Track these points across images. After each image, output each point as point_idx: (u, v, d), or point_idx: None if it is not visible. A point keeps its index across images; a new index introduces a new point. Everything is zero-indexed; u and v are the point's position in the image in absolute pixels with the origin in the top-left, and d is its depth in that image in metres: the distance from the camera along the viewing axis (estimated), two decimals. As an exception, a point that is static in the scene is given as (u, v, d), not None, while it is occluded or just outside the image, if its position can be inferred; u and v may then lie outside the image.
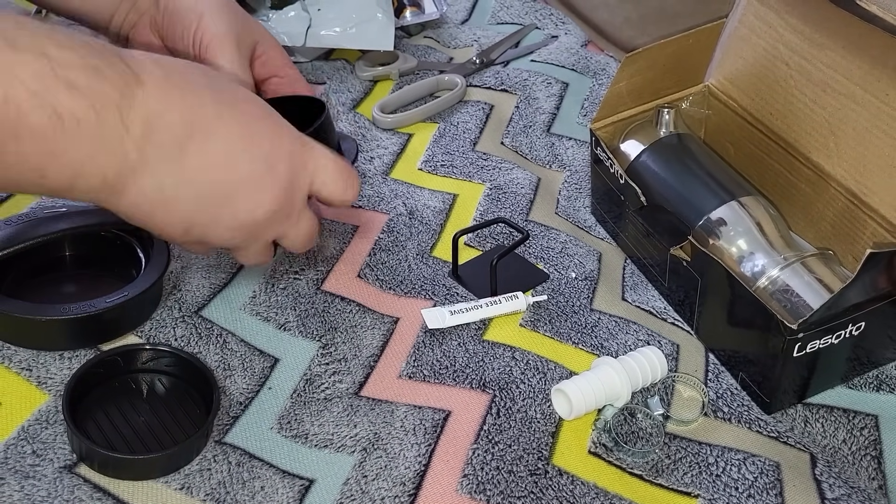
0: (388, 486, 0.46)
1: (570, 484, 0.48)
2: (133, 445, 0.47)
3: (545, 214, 0.67)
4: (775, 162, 0.61)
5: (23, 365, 0.52)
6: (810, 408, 0.53)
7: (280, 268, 0.60)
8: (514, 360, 0.54)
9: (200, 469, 0.47)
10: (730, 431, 0.51)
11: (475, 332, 0.56)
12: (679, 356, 0.56)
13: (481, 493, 0.46)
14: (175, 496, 0.46)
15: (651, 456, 0.50)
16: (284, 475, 0.47)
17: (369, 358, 0.54)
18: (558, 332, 0.56)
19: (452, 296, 0.59)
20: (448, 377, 0.53)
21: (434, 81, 0.79)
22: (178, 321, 0.56)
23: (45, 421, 0.49)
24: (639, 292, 0.61)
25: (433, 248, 0.63)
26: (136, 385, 0.51)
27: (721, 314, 0.55)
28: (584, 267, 0.62)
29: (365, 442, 0.49)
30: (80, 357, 0.53)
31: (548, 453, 0.49)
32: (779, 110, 0.61)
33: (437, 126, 0.75)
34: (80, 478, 0.46)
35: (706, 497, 0.48)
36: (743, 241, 0.55)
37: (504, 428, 0.50)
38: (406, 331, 0.56)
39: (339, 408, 0.51)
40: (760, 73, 0.61)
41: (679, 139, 0.62)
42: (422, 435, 0.49)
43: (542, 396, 0.52)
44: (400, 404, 0.51)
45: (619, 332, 0.57)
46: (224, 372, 0.53)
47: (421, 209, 0.66)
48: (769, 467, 0.49)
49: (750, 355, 0.53)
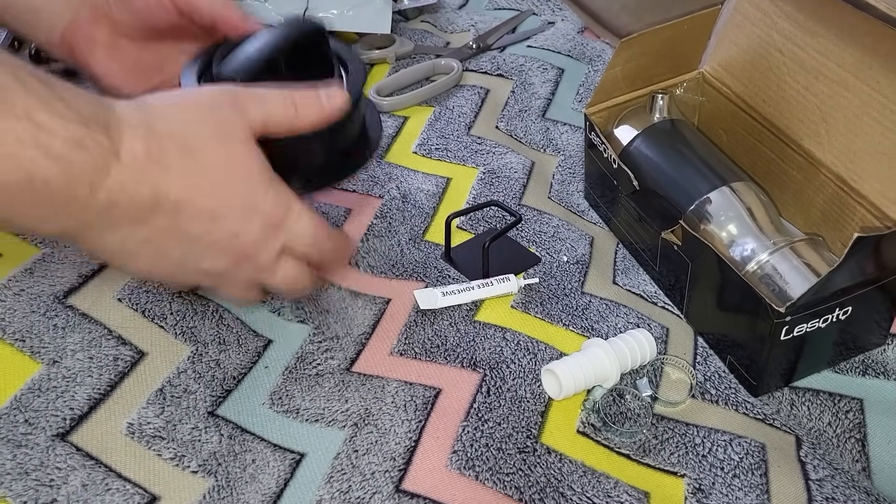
0: (378, 461, 0.47)
1: (558, 462, 0.48)
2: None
3: (538, 198, 0.67)
4: (767, 149, 0.62)
5: (16, 336, 0.52)
6: (797, 391, 0.54)
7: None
8: (504, 341, 0.54)
9: (192, 440, 0.48)
10: (717, 413, 0.52)
11: (467, 312, 0.57)
12: (668, 339, 0.56)
13: (470, 469, 0.47)
14: (166, 467, 0.46)
15: (639, 436, 0.50)
16: (276, 449, 0.48)
17: (361, 336, 0.55)
18: (549, 314, 0.57)
19: (444, 278, 0.60)
20: (439, 356, 0.53)
21: (430, 65, 0.80)
22: (174, 296, 0.56)
23: (38, 389, 0.49)
24: (630, 276, 0.61)
25: (426, 232, 0.64)
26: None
27: (710, 298, 0.55)
28: (575, 250, 0.62)
29: (356, 417, 0.49)
30: (73, 327, 0.53)
31: (536, 432, 0.50)
32: (771, 97, 0.61)
33: (432, 109, 0.76)
34: (73, 446, 0.46)
35: (692, 476, 0.48)
36: (733, 225, 0.56)
37: (494, 406, 0.50)
38: (398, 311, 0.57)
39: (330, 383, 0.51)
40: (754, 60, 0.62)
41: (672, 125, 0.63)
42: (412, 411, 0.50)
43: (532, 376, 0.52)
44: (391, 380, 0.52)
45: (609, 315, 0.57)
46: (219, 346, 0.53)
47: (414, 192, 0.67)
48: (755, 448, 0.50)
49: (738, 339, 0.53)
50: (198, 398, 0.50)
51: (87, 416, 0.49)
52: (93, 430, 0.48)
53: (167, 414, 0.49)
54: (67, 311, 0.55)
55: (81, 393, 0.50)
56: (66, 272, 0.58)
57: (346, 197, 0.66)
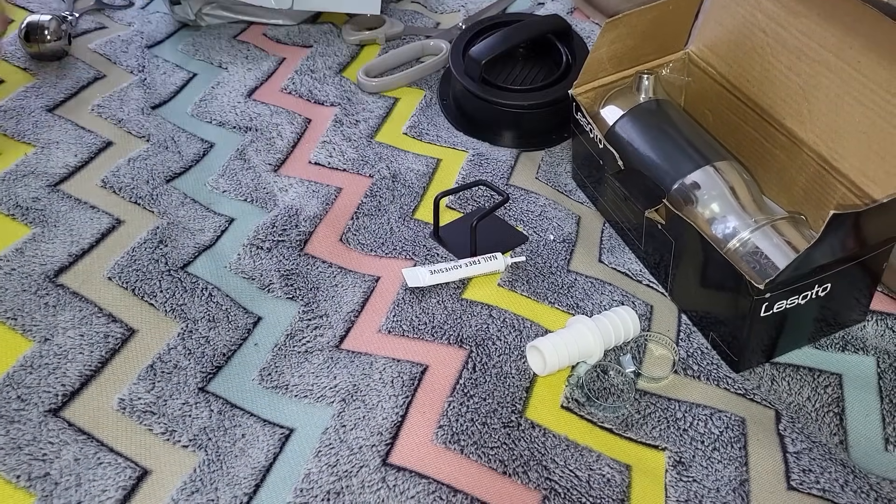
0: (365, 436, 0.48)
1: (542, 436, 0.49)
2: None
3: (526, 179, 0.68)
4: (751, 128, 0.62)
5: (8, 315, 0.53)
6: (777, 367, 0.55)
7: (262, 231, 0.61)
8: (491, 318, 0.55)
9: (183, 415, 0.48)
10: (698, 388, 0.53)
11: (454, 290, 0.57)
12: (652, 316, 0.57)
13: (455, 443, 0.48)
14: (157, 441, 0.47)
15: (621, 411, 0.51)
16: (265, 424, 0.49)
17: (350, 313, 0.56)
18: (535, 291, 0.58)
19: (433, 256, 0.60)
20: (426, 333, 0.54)
21: (419, 46, 0.80)
22: (163, 274, 0.57)
23: (30, 367, 0.50)
24: (615, 255, 0.62)
25: (415, 211, 0.64)
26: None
27: (694, 276, 0.56)
28: (562, 229, 0.63)
29: (344, 393, 0.50)
30: (64, 305, 0.54)
31: (521, 407, 0.50)
32: (755, 77, 0.61)
33: (423, 93, 0.76)
34: (65, 421, 0.47)
35: (673, 450, 0.49)
36: (716, 204, 0.56)
37: (479, 382, 0.51)
38: (386, 289, 0.58)
39: (319, 360, 0.52)
40: (738, 40, 0.62)
41: (658, 105, 0.63)
42: (399, 387, 0.50)
43: (517, 353, 0.53)
44: (379, 357, 0.52)
45: (594, 293, 0.58)
46: (209, 323, 0.54)
47: (404, 172, 0.67)
48: (735, 422, 0.51)
49: (720, 316, 0.54)
50: (188, 374, 0.51)
51: (78, 392, 0.49)
52: (84, 405, 0.49)
53: (157, 389, 0.50)
54: (58, 289, 0.55)
55: (73, 369, 0.50)
56: (57, 252, 0.58)
57: (337, 176, 0.67)
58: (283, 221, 0.62)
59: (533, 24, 0.75)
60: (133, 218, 0.62)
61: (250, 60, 0.80)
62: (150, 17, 0.86)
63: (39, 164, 0.65)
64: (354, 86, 0.76)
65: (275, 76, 0.78)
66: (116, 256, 0.58)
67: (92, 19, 0.85)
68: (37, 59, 0.77)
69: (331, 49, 0.81)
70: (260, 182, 0.66)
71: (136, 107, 0.73)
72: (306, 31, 0.83)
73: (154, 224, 0.61)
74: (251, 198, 0.65)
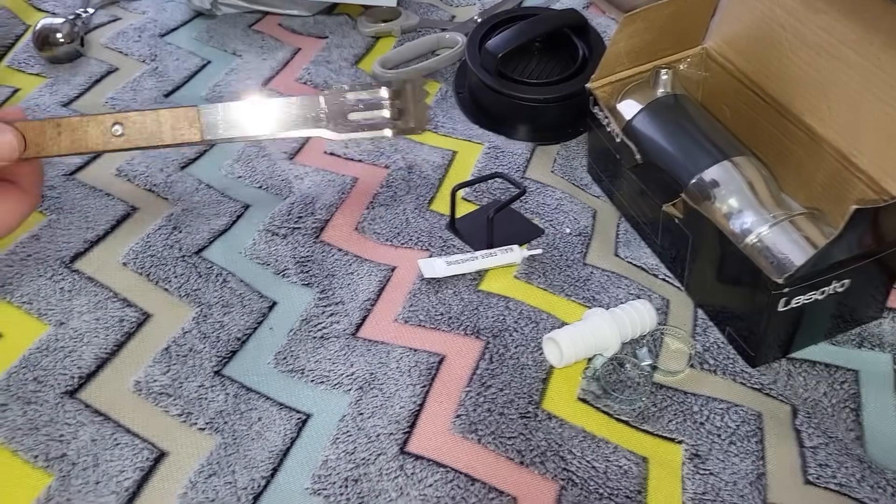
0: (383, 424, 0.48)
1: (559, 427, 0.49)
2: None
3: (541, 172, 0.68)
4: (769, 124, 0.62)
5: (24, 299, 0.53)
6: (794, 362, 0.55)
7: (278, 217, 0.61)
8: (507, 310, 0.55)
9: (199, 397, 0.48)
10: (715, 383, 0.53)
11: (470, 282, 0.57)
12: (669, 310, 0.57)
13: (473, 432, 0.48)
14: (174, 423, 0.47)
15: (638, 404, 0.51)
16: (282, 407, 0.48)
17: (366, 302, 0.55)
18: (551, 284, 0.58)
19: (449, 248, 0.60)
20: (443, 323, 0.54)
21: (435, 39, 0.80)
22: (178, 260, 0.57)
23: (46, 349, 0.50)
24: (632, 249, 0.62)
25: (431, 202, 0.64)
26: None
27: (710, 270, 0.56)
28: (578, 223, 0.63)
29: (361, 381, 0.50)
30: (79, 290, 0.54)
31: (538, 398, 0.50)
32: (774, 73, 0.61)
33: (439, 86, 0.76)
34: (82, 403, 0.47)
35: (689, 443, 0.49)
36: (734, 199, 0.56)
37: (496, 373, 0.51)
38: (402, 278, 0.57)
39: (335, 347, 0.52)
40: (757, 35, 0.62)
41: (675, 100, 0.63)
42: (416, 376, 0.50)
43: (533, 345, 0.53)
44: (396, 346, 0.52)
45: (610, 286, 0.58)
46: (223, 308, 0.54)
47: (420, 164, 0.67)
48: (751, 416, 0.51)
49: (737, 310, 0.54)
50: (203, 357, 0.51)
51: (94, 375, 0.49)
52: (100, 387, 0.49)
53: (173, 372, 0.50)
54: (73, 275, 0.55)
55: (88, 352, 0.50)
56: (72, 238, 0.58)
57: (352, 166, 0.67)
58: (299, 209, 0.62)
59: (550, 17, 0.75)
60: (148, 205, 0.62)
61: (265, 50, 0.80)
62: (166, 5, 0.86)
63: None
64: (370, 77, 0.76)
65: (290, 66, 0.78)
66: (131, 243, 0.58)
67: (106, 13, 0.85)
68: (51, 62, 0.77)
69: (346, 40, 0.81)
70: (275, 169, 0.66)
71: (150, 96, 0.73)
72: (321, 22, 0.83)
73: (169, 211, 0.61)
74: (266, 185, 0.65)
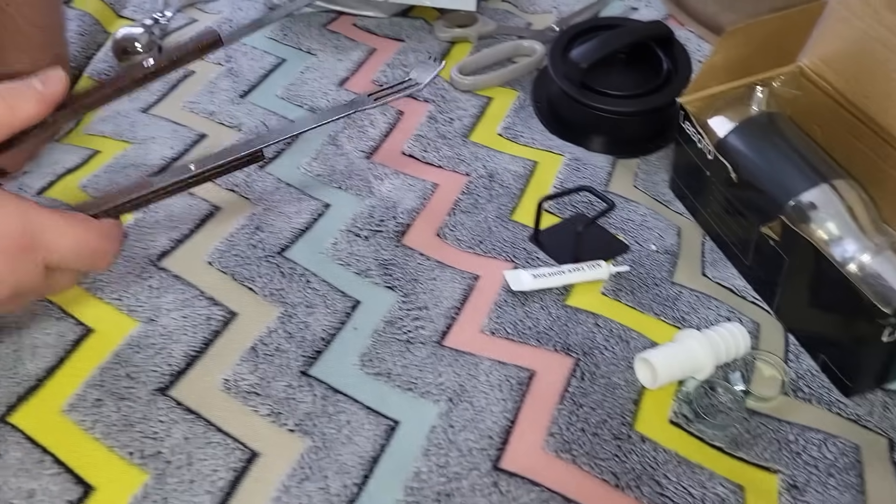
0: (475, 438, 0.47)
1: (653, 451, 0.48)
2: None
3: (624, 187, 0.67)
4: (865, 146, 0.61)
5: (114, 295, 0.53)
6: (890, 394, 0.53)
7: (361, 219, 0.61)
8: (597, 327, 0.54)
9: (287, 398, 0.48)
10: (810, 411, 0.51)
11: (557, 296, 0.56)
12: (759, 335, 0.56)
13: (567, 452, 0.46)
14: (264, 423, 0.46)
15: (730, 429, 0.50)
16: (370, 412, 0.48)
17: (450, 309, 0.55)
18: (640, 302, 0.56)
19: (533, 260, 0.59)
20: (531, 337, 0.53)
21: (513, 46, 0.79)
22: (261, 260, 0.56)
23: (137, 346, 0.49)
24: (718, 269, 0.61)
25: (513, 212, 0.63)
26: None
27: (806, 295, 0.54)
28: (664, 240, 0.62)
29: (450, 392, 0.49)
30: (167, 288, 0.54)
31: (630, 420, 0.49)
32: (873, 93, 0.60)
33: (517, 94, 0.75)
34: (173, 400, 0.47)
35: (786, 473, 0.48)
36: (833, 224, 0.55)
37: (588, 392, 0.50)
38: (486, 288, 0.56)
39: (422, 353, 0.51)
40: (857, 54, 0.61)
41: (770, 118, 0.62)
42: (507, 391, 0.49)
43: (625, 364, 0.52)
44: (484, 358, 0.51)
45: (699, 307, 0.57)
46: (307, 308, 0.53)
47: (501, 172, 0.66)
48: (849, 449, 0.49)
49: (833, 338, 0.53)
50: (290, 357, 0.50)
51: (184, 372, 0.49)
52: (191, 385, 0.48)
53: (261, 371, 0.49)
54: (161, 272, 0.55)
55: (178, 350, 0.50)
56: (158, 236, 0.58)
57: (432, 172, 0.66)
58: (381, 212, 0.61)
59: (636, 29, 0.74)
60: (230, 204, 0.62)
61: (340, 50, 0.79)
62: (241, 3, 0.86)
63: (138, 157, 0.65)
64: (446, 83, 0.76)
65: (366, 67, 0.77)
66: (215, 242, 0.58)
67: (184, 16, 0.85)
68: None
69: (422, 45, 0.80)
70: (353, 169, 0.65)
71: (227, 97, 0.73)
72: (397, 24, 0.83)
73: (250, 210, 0.61)
74: (345, 185, 0.64)
